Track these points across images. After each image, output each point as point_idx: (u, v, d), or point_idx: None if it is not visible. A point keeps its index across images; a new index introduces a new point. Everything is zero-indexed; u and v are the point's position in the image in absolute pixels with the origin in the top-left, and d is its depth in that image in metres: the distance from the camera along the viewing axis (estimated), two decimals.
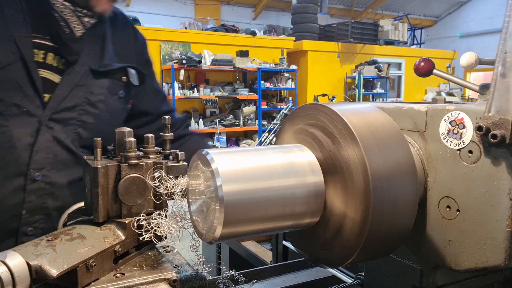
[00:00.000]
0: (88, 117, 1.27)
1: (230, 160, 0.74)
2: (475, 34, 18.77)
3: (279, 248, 2.08)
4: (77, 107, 1.25)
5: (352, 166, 0.75)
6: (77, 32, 1.25)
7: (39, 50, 1.21)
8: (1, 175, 1.16)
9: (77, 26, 1.24)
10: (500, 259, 0.75)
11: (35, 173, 1.18)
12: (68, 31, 1.23)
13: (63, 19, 1.22)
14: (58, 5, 1.20)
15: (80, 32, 1.25)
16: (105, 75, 1.30)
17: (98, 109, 1.29)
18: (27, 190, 1.18)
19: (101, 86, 1.29)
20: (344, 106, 0.82)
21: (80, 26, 1.25)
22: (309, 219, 0.80)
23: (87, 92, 1.26)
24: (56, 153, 1.21)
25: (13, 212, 1.18)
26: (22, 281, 0.65)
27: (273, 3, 16.51)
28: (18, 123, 1.17)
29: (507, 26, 0.74)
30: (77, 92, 1.24)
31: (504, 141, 0.71)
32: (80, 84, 1.25)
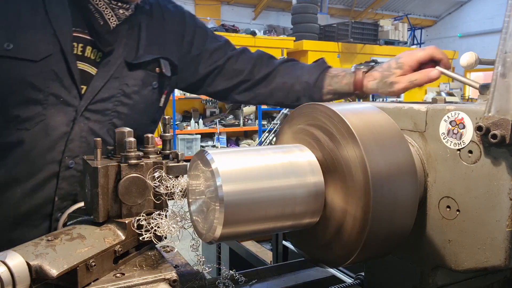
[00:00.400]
0: (123, 108, 1.31)
1: (230, 160, 0.74)
2: (475, 34, 18.76)
3: (279, 248, 2.08)
4: (113, 98, 1.29)
5: (352, 166, 0.75)
6: (111, 24, 1.27)
7: (78, 44, 1.25)
8: (38, 161, 1.21)
9: (111, 18, 1.27)
10: (500, 259, 0.75)
11: (69, 161, 1.23)
12: (102, 22, 1.26)
13: (98, 11, 1.25)
14: None
15: (114, 23, 1.28)
16: (139, 66, 1.33)
17: (132, 100, 1.33)
18: (60, 176, 1.23)
19: (135, 77, 1.33)
20: (344, 106, 0.82)
21: (114, 18, 1.27)
22: (309, 219, 0.80)
23: (122, 84, 1.30)
24: (90, 142, 1.24)
25: (47, 198, 1.23)
26: (22, 281, 0.65)
27: (273, 3, 16.50)
28: (56, 113, 1.22)
29: (507, 26, 0.74)
30: (113, 83, 1.28)
31: (504, 141, 0.71)
32: (115, 76, 1.28)
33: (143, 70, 1.34)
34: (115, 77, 1.29)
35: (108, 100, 1.28)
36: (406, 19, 17.20)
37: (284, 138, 0.92)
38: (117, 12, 1.27)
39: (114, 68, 1.28)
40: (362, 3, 18.69)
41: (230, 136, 10.21)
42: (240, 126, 9.95)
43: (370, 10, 18.97)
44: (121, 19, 1.29)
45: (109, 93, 1.28)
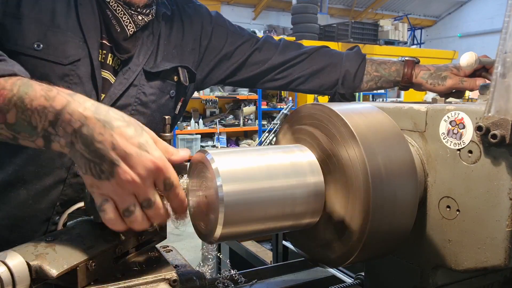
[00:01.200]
0: (139, 117, 1.27)
1: (230, 160, 0.74)
2: (475, 34, 18.77)
3: (279, 248, 2.07)
4: (129, 106, 1.27)
5: (352, 166, 0.75)
6: (128, 30, 1.25)
7: (102, 50, 1.24)
8: (48, 165, 1.19)
9: (129, 25, 1.25)
10: (500, 259, 0.75)
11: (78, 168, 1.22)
12: (119, 29, 1.24)
13: (115, 17, 1.23)
14: (112, 4, 1.22)
15: (132, 30, 1.25)
16: (157, 75, 1.31)
17: (149, 109, 1.30)
18: (66, 183, 1.21)
19: (153, 86, 1.31)
20: (344, 106, 0.82)
21: (132, 25, 1.25)
22: (309, 219, 0.80)
23: (140, 93, 1.28)
24: None
25: (50, 203, 1.21)
26: (22, 281, 0.65)
27: (273, 3, 16.51)
28: None
29: (507, 26, 0.74)
30: (131, 92, 1.26)
31: (504, 141, 0.71)
32: (134, 84, 1.26)
33: (161, 79, 1.32)
34: (133, 85, 1.27)
35: (124, 108, 1.26)
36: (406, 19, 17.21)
37: (284, 138, 0.92)
38: (135, 18, 1.26)
39: (133, 76, 1.26)
40: (362, 3, 18.70)
41: (230, 136, 10.21)
42: (240, 126, 9.95)
43: (370, 10, 18.98)
44: (139, 26, 1.27)
45: (127, 101, 1.26)
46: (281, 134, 0.93)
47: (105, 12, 1.23)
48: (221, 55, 1.49)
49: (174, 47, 1.38)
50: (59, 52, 1.15)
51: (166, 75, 1.33)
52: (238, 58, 1.51)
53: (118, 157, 0.69)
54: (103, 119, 0.71)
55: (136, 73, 1.26)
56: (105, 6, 1.22)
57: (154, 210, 0.73)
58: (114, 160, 0.69)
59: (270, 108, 10.24)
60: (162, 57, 1.33)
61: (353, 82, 1.52)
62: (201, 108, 10.04)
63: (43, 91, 0.75)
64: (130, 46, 1.27)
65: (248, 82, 1.59)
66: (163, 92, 1.33)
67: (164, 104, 1.34)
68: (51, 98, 0.74)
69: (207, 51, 1.47)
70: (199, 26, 1.46)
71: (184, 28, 1.41)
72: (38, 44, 1.13)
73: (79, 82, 1.18)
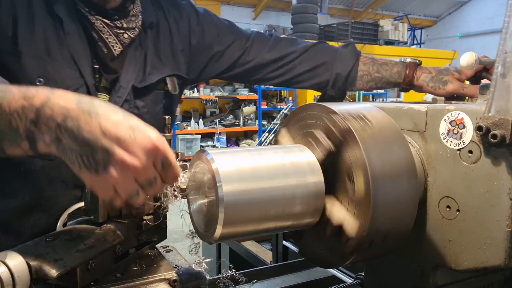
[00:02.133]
0: None
1: (230, 160, 0.74)
2: (475, 34, 18.76)
3: (279, 248, 2.07)
4: None
5: (352, 166, 0.75)
6: (115, 51, 1.25)
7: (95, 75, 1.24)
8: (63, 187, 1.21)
9: (115, 45, 1.25)
10: (500, 259, 0.75)
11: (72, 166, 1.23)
12: (106, 51, 1.24)
13: (101, 39, 1.23)
14: (98, 25, 1.22)
15: (119, 50, 1.26)
16: (146, 89, 1.32)
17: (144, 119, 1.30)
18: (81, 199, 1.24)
19: (144, 100, 1.32)
20: (344, 106, 0.82)
21: (118, 45, 1.26)
22: (309, 219, 0.80)
23: (132, 107, 1.30)
24: None
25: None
26: (22, 281, 0.65)
27: (273, 3, 16.50)
28: None
29: (507, 26, 0.74)
30: (124, 107, 1.27)
31: (504, 141, 0.71)
32: (126, 100, 1.28)
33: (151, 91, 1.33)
34: (126, 101, 1.28)
35: None
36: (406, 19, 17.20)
37: (284, 138, 0.92)
38: (121, 37, 1.26)
39: (125, 93, 1.27)
40: (362, 3, 18.69)
41: (230, 136, 10.21)
42: (240, 126, 9.95)
43: (370, 10, 18.98)
44: (125, 44, 1.27)
45: None
46: (281, 134, 0.93)
47: (91, 34, 1.22)
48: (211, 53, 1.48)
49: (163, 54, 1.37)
50: (59, 85, 1.15)
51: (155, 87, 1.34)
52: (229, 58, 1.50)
53: (111, 143, 0.64)
54: (87, 109, 0.66)
55: (128, 90, 1.27)
56: (90, 28, 1.22)
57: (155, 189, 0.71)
58: (107, 147, 0.64)
59: (270, 108, 10.24)
60: (150, 68, 1.33)
61: (344, 85, 1.51)
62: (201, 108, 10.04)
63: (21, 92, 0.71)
64: (118, 66, 1.27)
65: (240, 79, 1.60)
66: (155, 103, 1.35)
67: (158, 112, 1.36)
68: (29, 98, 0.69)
69: (197, 50, 1.46)
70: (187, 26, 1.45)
71: (172, 30, 1.40)
72: (39, 80, 1.14)
73: None
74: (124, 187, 0.67)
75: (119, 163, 0.64)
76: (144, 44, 1.32)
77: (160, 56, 1.36)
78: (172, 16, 1.42)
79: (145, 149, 0.66)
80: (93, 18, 1.21)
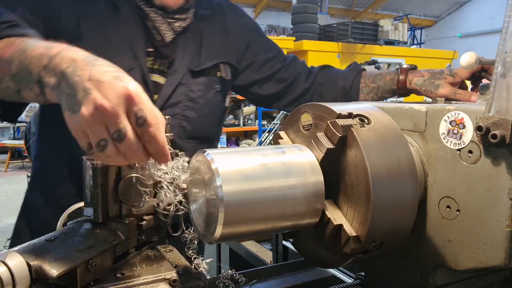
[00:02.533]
0: (190, 112, 1.42)
1: (230, 160, 0.74)
2: (475, 34, 18.76)
3: (279, 248, 2.08)
4: (180, 103, 1.40)
5: (352, 166, 0.75)
6: (167, 38, 1.37)
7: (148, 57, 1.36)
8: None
9: (167, 33, 1.37)
10: (500, 259, 0.75)
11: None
12: (159, 38, 1.37)
13: (155, 27, 1.36)
14: (151, 14, 1.34)
15: (170, 37, 1.37)
16: (201, 73, 1.44)
17: (198, 104, 1.43)
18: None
19: (198, 83, 1.43)
20: (344, 106, 0.82)
21: (171, 32, 1.37)
22: (309, 219, 0.80)
23: (188, 90, 1.41)
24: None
25: None
26: (22, 281, 0.65)
27: (273, 3, 16.51)
28: None
29: (507, 26, 0.74)
30: (180, 90, 1.39)
31: (504, 141, 0.71)
32: (182, 83, 1.39)
33: (205, 75, 1.44)
34: (182, 84, 1.39)
35: (176, 105, 1.39)
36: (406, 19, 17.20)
37: (284, 138, 0.92)
38: (173, 26, 1.37)
39: (180, 76, 1.38)
40: (362, 3, 18.70)
41: (230, 136, 10.20)
42: (240, 126, 9.94)
43: (370, 10, 18.99)
44: (177, 32, 1.38)
45: (177, 99, 1.39)
46: (281, 134, 0.93)
47: (146, 23, 1.35)
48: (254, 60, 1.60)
49: (217, 45, 1.49)
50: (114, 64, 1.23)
51: (209, 72, 1.45)
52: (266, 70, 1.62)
53: (91, 86, 0.67)
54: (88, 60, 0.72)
55: (182, 73, 1.39)
56: (145, 17, 1.34)
57: (125, 144, 0.68)
58: (87, 89, 0.67)
59: (270, 108, 10.23)
60: (205, 56, 1.44)
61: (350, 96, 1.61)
62: None
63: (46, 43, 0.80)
64: (170, 52, 1.39)
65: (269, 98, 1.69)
66: (209, 88, 1.46)
67: (211, 98, 1.47)
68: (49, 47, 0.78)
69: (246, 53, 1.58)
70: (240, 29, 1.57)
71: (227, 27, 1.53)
72: None
73: None
74: (93, 130, 0.67)
75: (91, 102, 0.66)
76: (198, 33, 1.44)
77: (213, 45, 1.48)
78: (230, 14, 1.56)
79: (118, 93, 0.67)
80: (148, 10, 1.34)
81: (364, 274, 1.06)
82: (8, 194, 8.42)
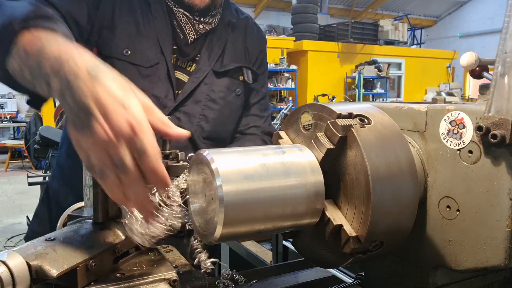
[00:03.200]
0: (209, 112, 1.46)
1: (230, 160, 0.74)
2: (475, 34, 18.77)
3: (279, 248, 2.08)
4: (200, 102, 1.45)
5: (352, 166, 0.75)
6: (189, 38, 1.45)
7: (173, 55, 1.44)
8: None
9: (191, 33, 1.44)
10: (500, 259, 0.75)
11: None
12: (182, 36, 1.44)
13: (180, 26, 1.43)
14: (179, 15, 1.43)
15: (192, 37, 1.45)
16: (224, 74, 1.50)
17: (218, 105, 1.48)
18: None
19: (220, 84, 1.49)
20: (344, 106, 0.82)
21: (193, 33, 1.45)
22: (309, 219, 0.80)
23: (209, 90, 1.46)
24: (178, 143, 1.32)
25: None
26: (22, 281, 0.65)
27: (273, 3, 16.51)
28: None
29: (507, 26, 0.74)
30: (202, 89, 1.45)
31: (504, 141, 0.71)
32: (204, 83, 1.45)
33: (228, 78, 1.50)
34: (204, 83, 1.45)
35: (196, 104, 1.44)
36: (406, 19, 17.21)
37: (283, 138, 0.92)
38: (197, 27, 1.44)
39: (203, 75, 1.44)
40: (362, 3, 18.71)
41: None
42: None
43: (370, 10, 18.99)
44: (199, 33, 1.45)
45: (198, 97, 1.44)
46: (281, 134, 0.93)
47: (173, 21, 1.43)
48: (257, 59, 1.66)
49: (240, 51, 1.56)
50: (142, 57, 1.36)
51: (232, 74, 1.52)
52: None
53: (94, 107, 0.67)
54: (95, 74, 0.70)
55: (206, 73, 1.45)
56: (172, 16, 1.43)
57: (127, 175, 0.68)
58: (90, 110, 0.67)
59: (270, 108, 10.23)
60: (229, 59, 1.51)
61: None
62: None
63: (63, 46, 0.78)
64: (191, 51, 1.46)
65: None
66: (230, 90, 1.51)
67: (231, 101, 1.52)
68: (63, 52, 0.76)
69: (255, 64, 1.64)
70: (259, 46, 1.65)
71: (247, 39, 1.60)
72: (126, 50, 1.34)
73: (158, 81, 1.38)
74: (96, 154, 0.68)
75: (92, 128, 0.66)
76: (225, 37, 1.52)
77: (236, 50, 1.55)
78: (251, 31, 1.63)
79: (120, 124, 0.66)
80: (176, 9, 1.42)
81: (364, 274, 1.06)
82: (8, 194, 8.42)
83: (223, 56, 1.50)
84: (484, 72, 1.22)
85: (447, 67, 15.43)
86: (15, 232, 6.06)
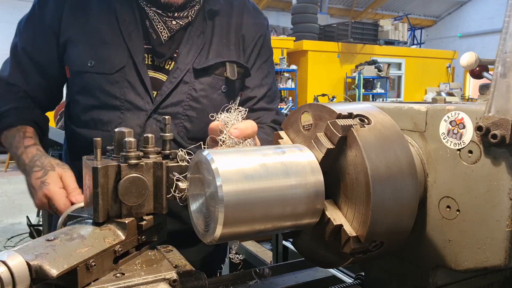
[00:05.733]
0: (192, 112, 1.40)
1: (230, 160, 0.74)
2: (475, 34, 18.78)
3: (279, 248, 2.08)
4: (182, 102, 1.39)
5: (352, 166, 0.75)
6: (162, 36, 1.39)
7: (148, 54, 1.39)
8: None
9: (163, 31, 1.39)
10: (500, 259, 0.75)
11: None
12: (155, 36, 1.39)
13: (152, 26, 1.39)
14: (151, 14, 1.38)
15: (166, 36, 1.39)
16: (205, 71, 1.41)
17: (201, 104, 1.41)
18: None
19: (202, 82, 1.41)
20: (344, 106, 0.82)
21: (166, 31, 1.38)
22: (309, 219, 0.80)
23: (191, 89, 1.39)
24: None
25: None
26: (22, 281, 0.65)
27: (273, 3, 16.52)
28: (130, 116, 1.35)
29: (507, 26, 0.74)
30: (182, 88, 1.38)
31: (504, 141, 0.71)
32: (184, 82, 1.39)
33: (210, 75, 1.41)
34: (184, 83, 1.38)
35: (177, 104, 1.38)
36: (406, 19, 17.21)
37: (283, 138, 0.92)
38: (169, 24, 1.38)
39: (182, 75, 1.38)
40: (362, 3, 18.71)
41: None
42: None
43: (370, 10, 19.00)
44: (173, 31, 1.39)
45: (178, 98, 1.38)
46: (281, 134, 0.93)
47: (145, 22, 1.38)
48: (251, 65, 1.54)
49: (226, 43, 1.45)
50: (107, 64, 1.34)
51: (214, 71, 1.42)
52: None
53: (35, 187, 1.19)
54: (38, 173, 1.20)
55: (185, 71, 1.38)
56: (145, 16, 1.38)
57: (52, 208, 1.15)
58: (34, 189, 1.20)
59: None
60: (212, 53, 1.42)
61: None
62: None
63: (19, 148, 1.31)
64: (166, 50, 1.39)
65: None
66: (214, 88, 1.43)
67: (216, 99, 1.43)
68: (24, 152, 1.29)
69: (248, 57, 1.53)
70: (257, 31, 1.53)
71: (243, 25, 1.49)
72: (91, 61, 1.35)
73: (129, 86, 1.35)
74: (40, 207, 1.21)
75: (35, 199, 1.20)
76: (208, 30, 1.43)
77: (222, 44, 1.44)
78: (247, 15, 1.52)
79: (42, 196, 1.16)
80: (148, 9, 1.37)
81: (364, 274, 1.06)
82: (8, 194, 8.42)
83: (208, 50, 1.41)
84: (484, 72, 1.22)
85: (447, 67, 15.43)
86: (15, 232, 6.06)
